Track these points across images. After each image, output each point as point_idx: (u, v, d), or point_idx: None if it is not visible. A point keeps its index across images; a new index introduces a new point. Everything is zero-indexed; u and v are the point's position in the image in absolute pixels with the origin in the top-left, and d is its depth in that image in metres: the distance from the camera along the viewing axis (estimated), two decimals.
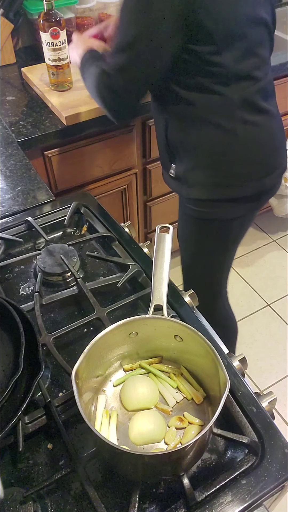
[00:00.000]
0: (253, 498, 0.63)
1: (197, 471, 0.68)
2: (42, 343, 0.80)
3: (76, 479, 0.67)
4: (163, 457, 0.60)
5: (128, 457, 0.60)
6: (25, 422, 0.70)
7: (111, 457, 0.66)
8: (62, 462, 0.69)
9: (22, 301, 0.91)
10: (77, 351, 0.65)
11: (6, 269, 0.98)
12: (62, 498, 0.66)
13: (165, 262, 0.82)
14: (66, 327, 0.83)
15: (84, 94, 1.52)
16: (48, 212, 1.09)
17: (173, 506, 0.64)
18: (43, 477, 0.68)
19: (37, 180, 1.21)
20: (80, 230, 1.08)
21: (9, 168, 1.25)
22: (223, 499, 0.63)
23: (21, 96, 1.60)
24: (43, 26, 1.39)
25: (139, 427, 0.70)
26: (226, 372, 0.63)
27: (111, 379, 0.77)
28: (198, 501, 0.63)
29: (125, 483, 0.66)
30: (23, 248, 1.03)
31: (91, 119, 1.47)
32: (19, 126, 1.44)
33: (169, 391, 0.74)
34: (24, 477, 0.68)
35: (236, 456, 0.69)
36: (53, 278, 0.94)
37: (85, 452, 0.67)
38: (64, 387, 0.78)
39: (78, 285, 0.91)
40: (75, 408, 0.61)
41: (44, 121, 1.47)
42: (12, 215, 1.09)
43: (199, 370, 0.75)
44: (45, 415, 0.71)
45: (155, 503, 0.65)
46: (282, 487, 0.65)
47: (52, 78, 1.51)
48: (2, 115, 1.49)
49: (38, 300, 0.88)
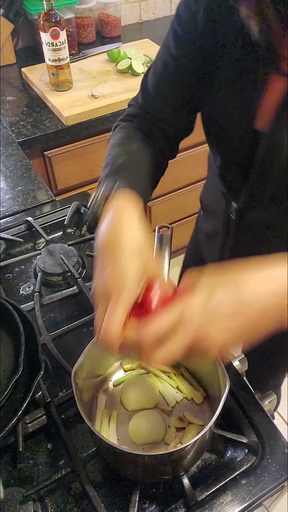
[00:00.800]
0: (253, 498, 0.63)
1: (197, 471, 0.68)
2: (42, 343, 0.80)
3: (76, 479, 0.67)
4: (163, 457, 0.60)
5: (128, 457, 0.60)
6: (25, 422, 0.70)
7: (111, 457, 0.66)
8: (62, 462, 0.69)
9: (22, 301, 0.91)
10: (77, 351, 0.65)
11: (6, 269, 0.98)
12: (62, 498, 0.66)
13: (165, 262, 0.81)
14: (66, 327, 0.83)
15: (84, 94, 1.52)
16: (48, 212, 1.09)
17: (173, 506, 0.64)
18: (43, 477, 0.68)
19: (37, 180, 1.21)
20: (80, 230, 1.08)
21: (9, 168, 1.25)
22: (223, 499, 0.63)
23: (21, 96, 1.60)
24: (43, 26, 1.39)
25: (139, 427, 0.70)
26: (226, 372, 0.63)
27: (111, 379, 0.77)
28: (198, 501, 0.63)
29: (125, 483, 0.66)
30: (23, 248, 1.03)
31: (91, 119, 1.47)
32: (19, 126, 1.44)
33: (169, 391, 0.74)
34: (24, 477, 0.68)
35: (236, 456, 0.69)
36: (53, 278, 0.94)
37: (85, 452, 0.67)
38: (64, 387, 0.78)
39: (78, 285, 0.91)
40: (75, 408, 0.61)
41: (44, 121, 1.47)
42: (12, 215, 1.09)
43: (199, 370, 0.75)
44: (45, 415, 0.71)
45: (155, 503, 0.65)
46: (282, 487, 0.65)
47: (52, 78, 1.51)
48: (2, 115, 1.49)
49: (38, 300, 0.88)
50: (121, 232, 0.56)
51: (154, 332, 0.47)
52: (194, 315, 0.48)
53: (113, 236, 0.56)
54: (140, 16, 2.09)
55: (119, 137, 0.78)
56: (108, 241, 0.56)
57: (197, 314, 0.48)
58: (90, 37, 1.87)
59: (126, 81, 1.60)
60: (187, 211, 2.04)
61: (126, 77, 1.62)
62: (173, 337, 0.48)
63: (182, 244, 2.24)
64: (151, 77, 0.79)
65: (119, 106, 1.50)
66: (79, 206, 1.09)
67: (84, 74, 1.64)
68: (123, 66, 1.62)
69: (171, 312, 0.49)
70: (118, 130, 0.81)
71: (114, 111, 1.50)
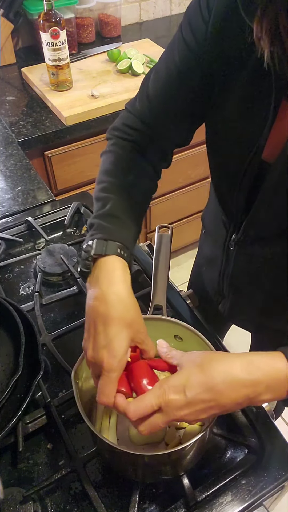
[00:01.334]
0: (253, 498, 0.63)
1: (197, 471, 0.68)
2: (42, 343, 0.80)
3: (76, 479, 0.67)
4: (163, 457, 0.60)
5: (128, 457, 0.60)
6: (25, 422, 0.70)
7: (111, 457, 0.66)
8: (62, 462, 0.69)
9: (22, 301, 0.91)
10: (77, 351, 0.65)
11: (6, 269, 0.98)
12: (62, 498, 0.66)
13: (165, 262, 0.81)
14: (66, 327, 0.83)
15: (84, 94, 1.52)
16: (48, 212, 1.09)
17: (173, 506, 0.64)
18: (43, 477, 0.68)
19: (37, 180, 1.21)
20: (80, 230, 1.08)
21: (9, 168, 1.25)
22: (223, 499, 0.63)
23: (21, 96, 1.60)
24: (43, 26, 1.39)
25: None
26: None
27: None
28: (198, 501, 0.63)
29: (125, 483, 0.66)
30: (23, 248, 1.03)
31: (91, 119, 1.47)
32: (19, 126, 1.44)
33: None
34: (24, 477, 0.68)
35: (236, 456, 0.69)
36: (53, 278, 0.94)
37: (85, 452, 0.67)
38: (64, 387, 0.78)
39: (78, 285, 0.91)
40: (75, 408, 0.61)
41: (44, 121, 1.47)
42: (12, 215, 1.09)
43: None
44: (45, 415, 0.71)
45: (155, 503, 0.65)
46: (282, 487, 0.65)
47: (52, 78, 1.51)
48: (2, 115, 1.49)
49: (38, 300, 0.88)
50: (111, 301, 0.61)
51: (138, 413, 0.55)
52: (173, 409, 0.55)
53: (103, 304, 0.61)
54: (140, 16, 2.09)
55: (113, 164, 0.75)
56: (99, 309, 0.61)
57: (176, 408, 0.55)
58: (90, 37, 1.87)
59: (126, 81, 1.60)
60: (187, 211, 2.04)
61: (126, 77, 1.62)
62: (154, 418, 0.55)
63: (182, 244, 2.24)
64: (153, 83, 0.72)
65: (119, 106, 1.50)
66: (79, 206, 1.09)
67: (84, 74, 1.64)
68: (123, 66, 1.62)
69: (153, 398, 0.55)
70: (112, 150, 0.77)
71: (114, 111, 1.50)
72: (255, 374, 0.54)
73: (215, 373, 0.55)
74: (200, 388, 0.55)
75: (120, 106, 1.50)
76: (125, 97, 1.51)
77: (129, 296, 0.63)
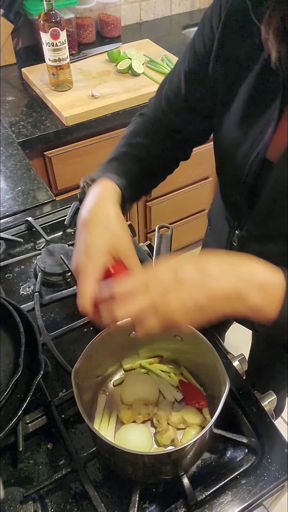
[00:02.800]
0: (253, 498, 0.63)
1: (197, 471, 0.68)
2: (42, 343, 0.80)
3: (76, 479, 0.67)
4: (163, 457, 0.60)
5: (128, 457, 0.60)
6: (25, 422, 0.70)
7: (111, 457, 0.66)
8: (62, 462, 0.69)
9: (22, 301, 0.91)
10: (77, 351, 0.65)
11: (6, 269, 0.98)
12: (62, 498, 0.66)
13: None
14: (66, 327, 0.83)
15: (84, 94, 1.52)
16: (48, 212, 1.09)
17: (173, 506, 0.64)
18: (43, 477, 0.68)
19: (37, 180, 1.21)
20: None
21: (9, 168, 1.25)
22: (223, 498, 0.63)
23: (21, 96, 1.60)
24: (43, 26, 1.39)
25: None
26: (226, 372, 0.63)
27: (111, 379, 0.77)
28: (198, 500, 0.63)
29: (125, 483, 0.66)
30: (23, 248, 1.03)
31: (91, 119, 1.47)
32: (19, 126, 1.44)
33: (168, 389, 0.74)
34: (24, 477, 0.68)
35: (236, 456, 0.69)
36: (53, 278, 0.94)
37: (85, 452, 0.67)
38: (64, 387, 0.78)
39: None
40: (75, 408, 0.61)
41: (44, 121, 1.47)
42: (12, 215, 1.09)
43: (199, 370, 0.75)
44: (45, 415, 0.72)
45: (155, 503, 0.65)
46: (282, 487, 0.65)
47: (52, 78, 1.51)
48: (2, 115, 1.49)
49: (38, 300, 0.88)
50: (95, 213, 0.66)
51: (120, 289, 0.54)
52: (158, 281, 0.54)
53: (87, 217, 0.66)
54: (140, 16, 2.09)
55: (129, 131, 0.85)
56: (84, 221, 0.66)
57: (161, 281, 0.54)
58: (90, 37, 1.87)
59: (126, 81, 1.60)
60: (187, 211, 2.04)
61: (126, 77, 1.62)
62: (136, 296, 0.54)
63: (182, 244, 2.24)
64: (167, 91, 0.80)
65: (119, 106, 1.50)
66: (79, 206, 1.09)
67: (84, 74, 1.64)
68: (123, 66, 1.62)
69: (138, 276, 0.56)
70: (131, 124, 0.86)
71: (114, 111, 1.50)
72: (251, 270, 0.54)
73: (211, 258, 0.55)
74: (191, 267, 0.54)
75: (120, 106, 1.50)
76: (125, 97, 1.51)
77: (111, 207, 0.67)
